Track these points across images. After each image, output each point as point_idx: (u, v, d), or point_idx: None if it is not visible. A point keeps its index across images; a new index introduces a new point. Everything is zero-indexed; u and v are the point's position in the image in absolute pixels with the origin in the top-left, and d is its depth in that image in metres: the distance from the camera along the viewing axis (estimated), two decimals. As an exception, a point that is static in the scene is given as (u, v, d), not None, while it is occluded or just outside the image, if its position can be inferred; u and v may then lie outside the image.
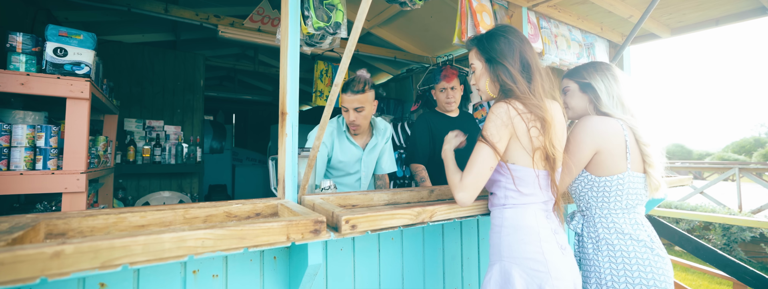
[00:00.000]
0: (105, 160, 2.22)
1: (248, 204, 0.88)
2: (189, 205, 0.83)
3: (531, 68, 0.97)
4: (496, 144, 0.90)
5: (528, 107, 0.91)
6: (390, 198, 1.12)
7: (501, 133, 0.90)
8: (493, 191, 1.01)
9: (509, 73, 0.95)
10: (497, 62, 0.97)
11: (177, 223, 0.78)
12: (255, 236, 0.65)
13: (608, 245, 1.03)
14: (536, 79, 0.96)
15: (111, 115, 2.49)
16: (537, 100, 0.93)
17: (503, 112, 0.91)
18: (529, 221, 0.92)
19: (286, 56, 1.01)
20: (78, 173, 1.51)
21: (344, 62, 0.81)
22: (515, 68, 0.95)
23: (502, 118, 0.90)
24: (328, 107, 0.87)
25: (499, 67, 0.97)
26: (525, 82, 0.95)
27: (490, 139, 0.90)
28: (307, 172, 0.97)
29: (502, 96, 0.98)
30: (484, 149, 0.91)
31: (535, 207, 0.94)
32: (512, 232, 0.93)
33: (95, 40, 1.58)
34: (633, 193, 1.04)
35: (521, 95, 0.93)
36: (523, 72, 0.96)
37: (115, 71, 3.31)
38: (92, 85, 1.56)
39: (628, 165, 1.03)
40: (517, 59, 0.96)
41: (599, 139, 1.03)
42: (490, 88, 1.03)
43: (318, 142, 0.93)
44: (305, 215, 0.75)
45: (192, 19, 2.57)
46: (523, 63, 0.97)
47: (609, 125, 1.04)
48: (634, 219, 1.04)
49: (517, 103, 0.91)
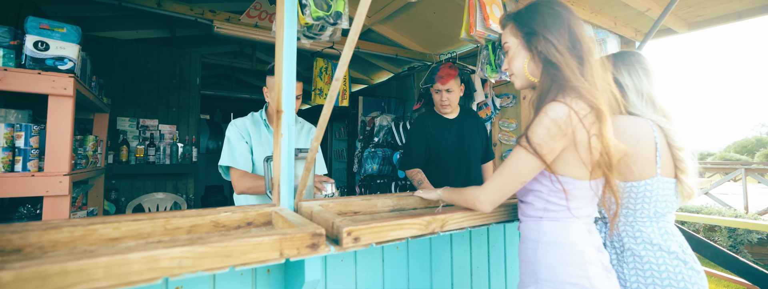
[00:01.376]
0: (94, 160, 2.12)
1: (238, 212, 0.79)
2: (171, 213, 0.73)
3: (582, 47, 0.78)
4: (544, 156, 0.74)
5: (584, 99, 0.73)
6: (395, 204, 1.03)
7: (554, 143, 0.73)
8: (526, 200, 0.86)
9: (555, 49, 0.76)
10: (539, 35, 0.78)
11: (157, 235, 0.69)
12: (242, 253, 0.56)
13: (634, 256, 0.94)
14: (589, 61, 0.77)
15: (101, 114, 2.40)
16: (590, 86, 0.75)
17: (563, 118, 0.72)
18: (572, 237, 0.78)
19: (282, 48, 0.91)
20: (61, 175, 1.41)
21: (346, 53, 0.72)
22: (562, 43, 0.77)
23: (561, 126, 0.73)
24: (328, 104, 0.78)
25: (541, 42, 0.78)
26: (575, 63, 0.77)
27: (539, 150, 0.73)
28: (305, 175, 0.88)
29: (547, 80, 0.79)
30: (523, 157, 0.75)
31: (579, 222, 0.80)
32: (552, 250, 0.78)
33: (80, 34, 1.49)
34: (662, 200, 0.95)
35: (572, 77, 0.74)
36: (573, 50, 0.78)
37: (108, 69, 3.21)
38: (76, 82, 1.47)
39: (657, 170, 0.94)
40: (566, 34, 0.78)
41: (629, 140, 0.92)
42: (529, 68, 0.84)
43: (316, 143, 0.84)
44: (302, 226, 0.66)
45: (186, 15, 2.47)
46: (573, 39, 0.77)
47: (638, 127, 0.95)
48: (663, 228, 0.95)
49: (580, 103, 0.73)
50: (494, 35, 1.48)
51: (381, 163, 3.14)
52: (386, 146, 3.24)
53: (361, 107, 3.90)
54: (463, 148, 1.88)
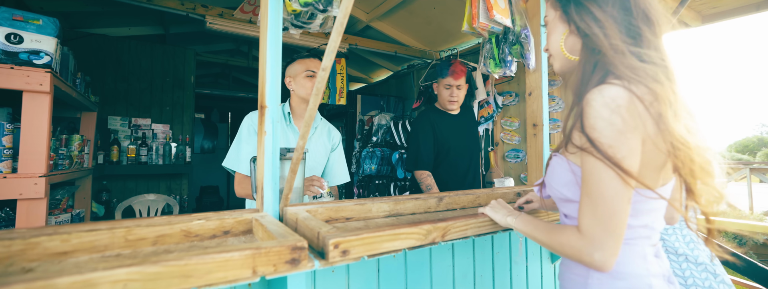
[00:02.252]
0: (79, 161, 2.03)
1: (214, 219, 0.70)
2: (136, 221, 0.65)
3: (637, 17, 0.59)
4: (622, 161, 0.53)
5: (640, 82, 0.55)
6: (391, 209, 0.94)
7: (629, 141, 0.53)
8: (570, 214, 0.67)
9: (595, 19, 0.59)
10: (580, 4, 0.62)
11: (116, 247, 0.60)
12: (206, 273, 0.47)
13: None
14: (651, 32, 0.58)
15: (89, 113, 2.31)
16: (647, 66, 0.56)
17: (623, 106, 0.53)
18: (634, 266, 0.61)
19: (266, 37, 0.82)
20: (36, 176, 1.33)
21: (334, 39, 0.63)
22: (608, 12, 0.59)
23: (624, 116, 0.53)
24: (315, 97, 0.69)
25: (582, 12, 0.61)
26: (626, 38, 0.58)
27: (614, 155, 0.53)
28: (291, 178, 0.79)
29: (590, 60, 0.61)
30: (606, 173, 0.53)
31: (645, 244, 0.62)
32: (607, 281, 0.61)
33: (58, 27, 1.40)
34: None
35: (615, 56, 0.57)
36: (625, 19, 0.59)
37: (99, 66, 3.12)
38: (54, 77, 1.38)
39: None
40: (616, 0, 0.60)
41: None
42: (566, 45, 0.67)
43: (302, 142, 0.75)
44: (281, 238, 0.57)
45: (177, 9, 2.38)
46: (626, 6, 0.59)
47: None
48: (688, 236, 0.86)
49: (640, 88, 0.55)
50: (498, 27, 1.39)
51: (379, 163, 3.06)
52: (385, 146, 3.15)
53: (360, 106, 3.81)
54: (469, 144, 1.84)
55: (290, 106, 1.46)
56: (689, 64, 11.21)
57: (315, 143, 1.47)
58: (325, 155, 1.49)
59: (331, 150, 1.53)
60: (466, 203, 1.11)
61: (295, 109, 1.45)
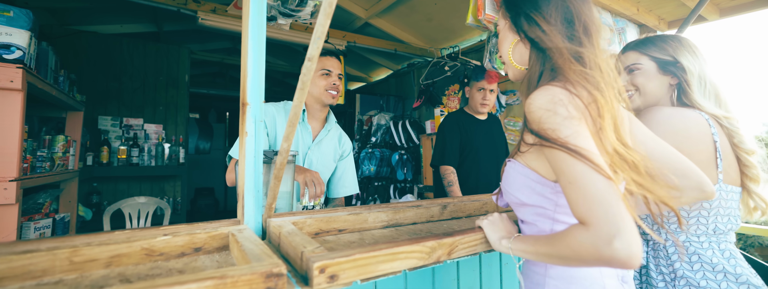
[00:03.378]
0: (63, 162, 1.94)
1: (183, 234, 0.60)
2: (87, 238, 0.55)
3: (581, 26, 0.63)
4: (575, 140, 0.52)
5: (581, 86, 0.57)
6: (390, 218, 0.84)
7: (575, 126, 0.53)
8: (527, 219, 0.66)
9: (541, 29, 0.62)
10: (525, 14, 0.65)
11: (57, 272, 0.50)
12: (151, 313, 0.37)
13: (691, 286, 0.75)
14: (589, 45, 0.62)
15: (75, 113, 2.21)
16: (590, 71, 0.58)
17: (565, 100, 0.55)
18: (588, 269, 0.61)
19: (247, 27, 0.73)
20: (5, 180, 1.23)
21: (321, 23, 0.53)
22: (553, 21, 0.62)
23: (567, 107, 0.54)
24: (300, 92, 0.59)
25: (528, 21, 0.65)
26: (570, 45, 0.61)
27: (565, 137, 0.52)
28: (275, 185, 0.69)
29: (537, 67, 0.65)
30: (570, 156, 0.52)
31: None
32: (562, 285, 0.61)
33: (31, 19, 1.30)
34: (724, 213, 0.76)
35: (564, 62, 0.59)
36: (568, 28, 0.63)
37: (89, 64, 3.02)
38: (27, 73, 1.29)
39: (718, 175, 0.75)
40: (559, 9, 0.63)
41: (677, 136, 0.74)
42: (514, 54, 0.71)
43: (287, 144, 0.65)
44: (257, 261, 0.48)
45: (168, 5, 2.28)
46: (569, 17, 0.63)
47: (690, 118, 0.76)
48: (727, 249, 0.76)
49: (578, 89, 0.56)
50: (505, 20, 1.29)
51: (379, 164, 2.96)
52: (384, 146, 3.06)
53: (359, 106, 3.71)
54: (495, 150, 1.92)
55: (305, 104, 1.38)
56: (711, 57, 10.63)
57: (325, 147, 1.38)
58: (333, 160, 1.41)
59: (341, 158, 1.45)
60: (472, 210, 1.01)
61: (308, 108, 1.38)
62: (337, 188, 1.40)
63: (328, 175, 1.37)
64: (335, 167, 1.41)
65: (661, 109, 0.79)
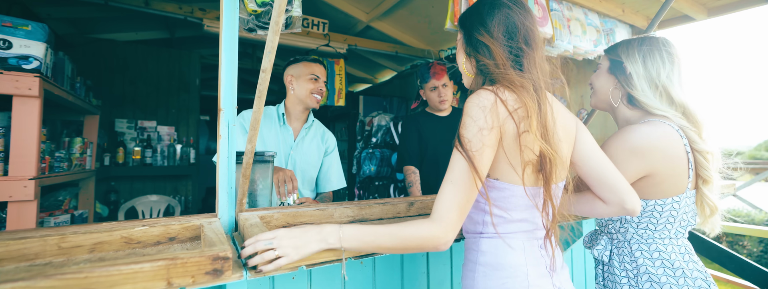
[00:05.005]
0: (80, 163, 2.09)
1: (159, 225, 0.69)
2: (74, 228, 0.64)
3: (521, 38, 0.71)
4: (472, 153, 0.62)
5: (516, 93, 0.65)
6: (355, 214, 0.91)
7: (485, 137, 0.62)
8: (468, 213, 0.74)
9: (484, 44, 0.71)
10: (473, 30, 0.74)
11: (47, 255, 0.59)
12: (110, 286, 0.45)
13: (653, 281, 0.79)
14: (529, 55, 0.70)
15: (91, 116, 2.37)
16: (521, 79, 0.66)
17: (488, 104, 0.63)
18: (512, 257, 0.67)
19: (222, 38, 0.81)
20: (25, 179, 1.36)
21: (271, 39, 0.60)
22: (495, 35, 0.70)
23: (486, 117, 0.63)
24: (258, 100, 0.67)
25: (474, 35, 0.73)
26: (510, 55, 0.70)
27: (468, 147, 0.62)
28: (244, 183, 0.77)
29: (479, 75, 0.74)
30: (459, 161, 0.63)
31: (524, 237, 0.69)
32: (490, 272, 0.68)
33: (47, 32, 1.43)
34: (687, 218, 0.80)
35: (503, 72, 0.67)
36: (508, 40, 0.71)
37: (107, 70, 3.21)
38: (44, 82, 1.42)
39: (688, 184, 0.79)
40: (501, 24, 0.71)
41: (655, 158, 0.77)
42: (465, 64, 0.79)
43: (250, 145, 0.72)
44: (209, 247, 0.55)
45: (175, 13, 2.42)
46: (510, 29, 0.71)
47: (665, 136, 0.78)
48: (684, 247, 0.80)
49: (507, 94, 0.65)
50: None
51: (379, 164, 3.02)
52: (384, 147, 3.12)
53: (362, 107, 3.79)
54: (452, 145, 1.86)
55: (285, 107, 1.45)
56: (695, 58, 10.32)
57: (307, 145, 1.45)
58: (318, 157, 1.47)
59: (325, 154, 1.51)
60: (441, 207, 1.06)
61: (290, 110, 1.45)
62: (324, 183, 1.48)
63: (314, 172, 1.44)
64: (321, 163, 1.49)
65: (636, 130, 0.80)
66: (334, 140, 1.54)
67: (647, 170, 0.78)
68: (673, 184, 0.79)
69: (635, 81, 0.84)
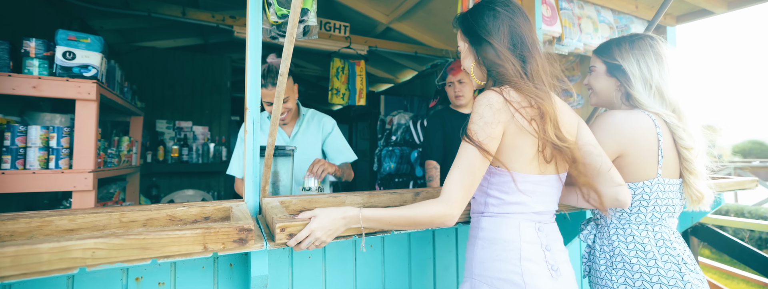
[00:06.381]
0: (127, 159, 2.33)
1: (196, 207, 0.82)
2: (130, 208, 0.78)
3: (524, 46, 0.79)
4: (483, 143, 0.72)
5: (523, 95, 0.74)
6: (365, 201, 1.01)
7: (491, 129, 0.72)
8: (473, 196, 0.85)
9: (496, 52, 0.78)
10: (481, 39, 0.81)
11: (112, 227, 0.73)
12: (161, 246, 0.57)
13: (625, 263, 0.84)
14: (532, 60, 0.79)
15: (136, 117, 2.62)
16: (535, 84, 0.76)
17: (495, 103, 0.73)
18: (507, 233, 0.77)
19: (248, 47, 0.93)
20: (86, 172, 1.57)
21: (287, 48, 0.71)
22: (503, 45, 0.79)
23: (495, 112, 0.73)
24: (277, 100, 0.78)
25: (483, 46, 0.81)
26: (518, 62, 0.78)
27: (475, 138, 0.72)
28: (266, 172, 0.89)
29: (491, 82, 0.84)
30: (467, 150, 0.73)
31: (520, 218, 0.78)
32: (487, 245, 0.78)
33: (103, 44, 1.63)
34: (662, 203, 0.84)
35: (513, 78, 0.76)
36: (514, 50, 0.79)
37: (148, 75, 3.50)
38: (100, 87, 1.62)
39: (658, 170, 0.83)
40: (506, 35, 0.79)
41: (624, 139, 0.84)
42: (475, 71, 0.86)
43: (271, 139, 0.84)
44: (236, 221, 0.67)
45: (209, 22, 2.62)
46: (514, 39, 0.79)
47: (637, 122, 0.84)
48: (660, 234, 0.84)
49: (512, 92, 0.74)
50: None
51: (399, 161, 3.12)
52: (404, 145, 3.21)
53: (383, 107, 3.89)
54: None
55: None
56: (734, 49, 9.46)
57: (302, 138, 1.51)
58: (318, 144, 1.55)
59: (325, 136, 1.57)
60: (446, 198, 1.14)
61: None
62: (335, 159, 1.56)
63: (320, 157, 1.53)
64: (324, 144, 1.56)
65: (613, 114, 0.87)
66: (332, 121, 1.61)
67: (618, 150, 0.85)
68: (641, 167, 0.84)
69: (633, 81, 0.88)
